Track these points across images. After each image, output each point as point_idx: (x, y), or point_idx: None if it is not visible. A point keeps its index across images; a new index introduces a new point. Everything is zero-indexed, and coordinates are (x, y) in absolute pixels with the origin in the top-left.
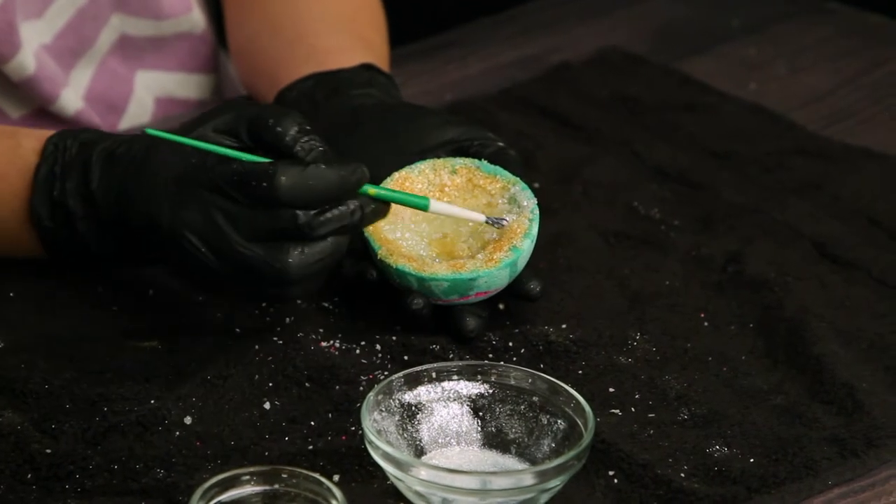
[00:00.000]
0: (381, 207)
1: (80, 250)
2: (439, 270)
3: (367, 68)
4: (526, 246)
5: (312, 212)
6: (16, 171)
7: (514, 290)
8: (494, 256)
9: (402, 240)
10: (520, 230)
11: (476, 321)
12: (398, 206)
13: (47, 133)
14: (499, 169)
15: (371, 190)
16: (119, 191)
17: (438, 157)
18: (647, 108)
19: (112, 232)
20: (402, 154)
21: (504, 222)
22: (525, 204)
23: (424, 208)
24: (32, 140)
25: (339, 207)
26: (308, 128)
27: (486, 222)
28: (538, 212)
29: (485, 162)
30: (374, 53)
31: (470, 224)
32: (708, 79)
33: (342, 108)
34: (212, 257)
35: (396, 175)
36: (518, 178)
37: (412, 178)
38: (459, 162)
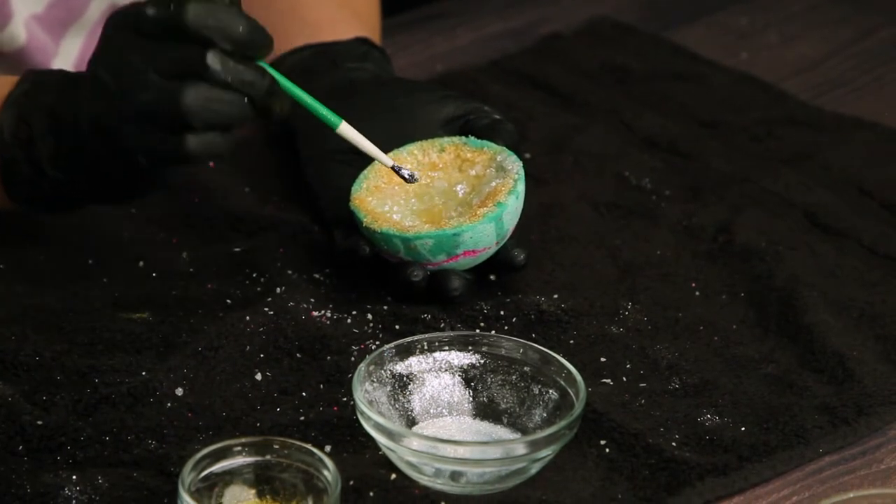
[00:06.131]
0: (284, 97)
1: (33, 177)
2: (423, 229)
3: (363, 42)
4: (510, 202)
5: (221, 53)
6: None
7: (499, 259)
8: (478, 212)
9: (391, 212)
10: (504, 188)
11: (461, 281)
12: (387, 184)
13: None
14: (485, 142)
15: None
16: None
17: (436, 135)
18: (637, 78)
19: (67, 142)
20: (401, 129)
21: (406, 172)
22: (510, 168)
23: (333, 126)
24: (11, 78)
25: (252, 63)
26: None
27: (392, 168)
28: (523, 173)
29: (471, 137)
30: (366, 27)
31: (460, 195)
32: (698, 48)
33: (339, 80)
34: (117, 92)
35: None
36: (503, 148)
37: (400, 159)
38: (447, 140)
